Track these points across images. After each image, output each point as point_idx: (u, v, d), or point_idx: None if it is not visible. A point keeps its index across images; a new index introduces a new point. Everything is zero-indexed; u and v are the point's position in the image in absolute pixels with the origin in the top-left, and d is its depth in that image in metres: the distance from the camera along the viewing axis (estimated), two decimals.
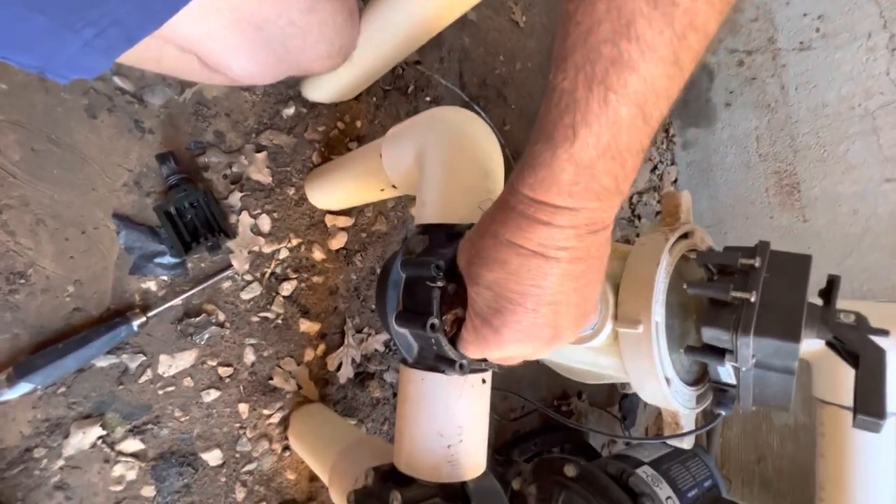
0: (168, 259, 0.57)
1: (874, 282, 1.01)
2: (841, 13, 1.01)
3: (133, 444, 0.55)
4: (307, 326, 0.67)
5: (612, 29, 0.19)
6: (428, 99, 0.78)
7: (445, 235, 0.35)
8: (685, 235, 0.56)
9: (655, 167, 1.26)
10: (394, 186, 0.49)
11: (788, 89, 1.10)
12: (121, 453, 0.55)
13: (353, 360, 0.71)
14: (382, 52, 0.54)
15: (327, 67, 0.53)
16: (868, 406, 0.36)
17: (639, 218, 1.20)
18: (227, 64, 0.43)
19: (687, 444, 0.55)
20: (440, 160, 0.37)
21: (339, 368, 0.70)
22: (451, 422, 0.36)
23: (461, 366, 0.34)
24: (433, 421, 0.36)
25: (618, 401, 1.07)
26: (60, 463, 0.52)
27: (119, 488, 0.54)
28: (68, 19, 0.32)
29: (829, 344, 0.43)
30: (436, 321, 0.32)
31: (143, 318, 0.54)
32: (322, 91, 0.64)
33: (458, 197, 0.37)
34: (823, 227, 1.08)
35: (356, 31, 0.51)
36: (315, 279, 0.68)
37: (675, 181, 1.31)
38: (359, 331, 0.72)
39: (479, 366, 0.35)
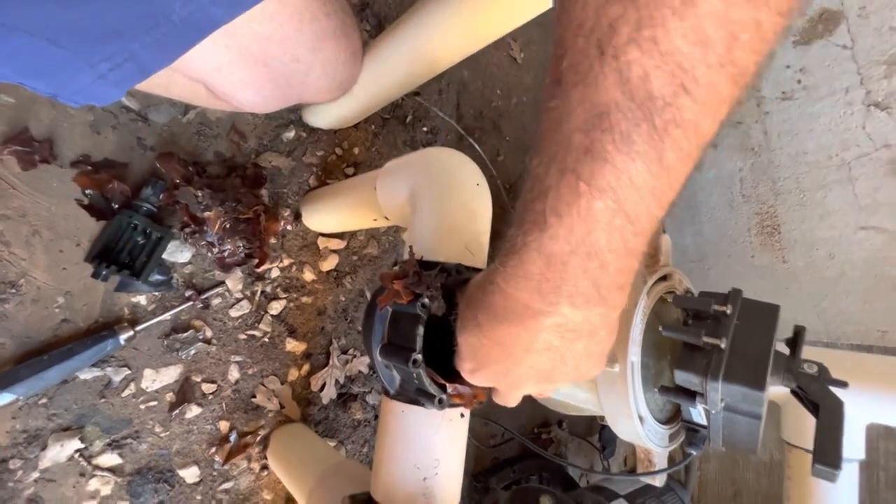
0: (155, 277, 0.57)
1: (848, 325, 1.05)
2: (821, 67, 1.07)
3: (111, 459, 0.55)
4: (293, 346, 0.68)
5: (585, 118, 0.18)
6: (425, 129, 0.81)
7: (421, 266, 0.37)
8: (664, 278, 0.58)
9: None
10: (386, 218, 0.51)
11: (771, 135, 1.15)
12: (97, 467, 0.54)
13: (337, 381, 0.72)
14: (383, 87, 0.57)
15: (328, 99, 0.55)
16: (825, 456, 0.38)
17: None
18: (234, 95, 0.45)
19: (659, 481, 0.57)
20: (432, 201, 0.39)
21: (322, 389, 0.70)
22: (429, 455, 0.37)
23: (440, 401, 0.35)
24: (411, 453, 0.37)
25: (597, 431, 1.08)
26: (35, 475, 0.51)
27: (93, 503, 0.54)
28: (86, 53, 0.33)
29: (793, 392, 0.45)
30: (418, 357, 0.34)
31: (131, 332, 0.55)
32: (322, 118, 0.66)
33: (446, 237, 0.38)
34: (801, 269, 1.12)
35: (358, 68, 0.53)
36: (304, 299, 0.69)
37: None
38: (344, 352, 0.73)
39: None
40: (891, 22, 0.96)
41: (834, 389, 0.42)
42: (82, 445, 0.54)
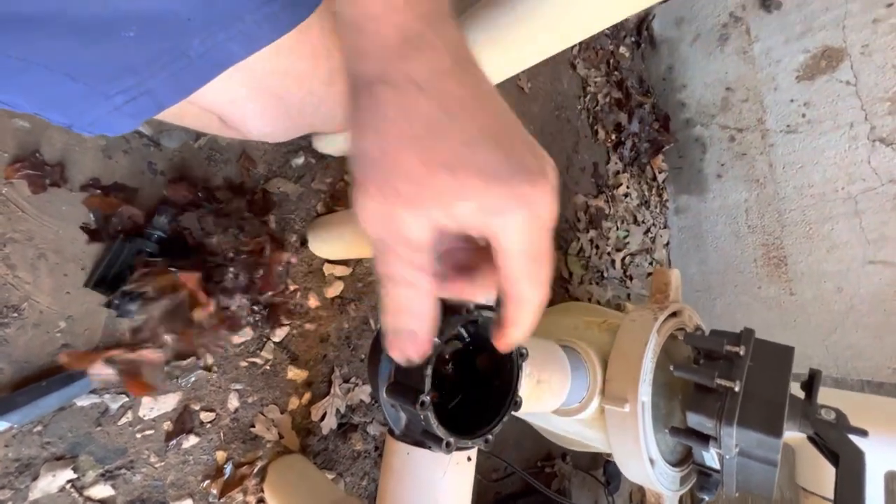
0: None
1: (858, 360, 1.03)
2: (825, 102, 1.08)
3: (103, 490, 0.53)
4: (295, 374, 0.66)
5: None
6: None
7: (443, 310, 0.36)
8: (674, 314, 0.57)
9: (648, 230, 1.30)
10: None
11: (776, 167, 1.16)
12: (89, 499, 0.53)
13: (338, 411, 0.70)
14: None
15: (339, 130, 0.56)
16: None
17: (630, 279, 1.22)
18: (245, 125, 0.45)
19: None
20: None
21: (322, 418, 0.69)
22: (434, 499, 0.35)
23: (448, 444, 0.34)
24: (415, 497, 0.36)
25: (602, 464, 1.05)
26: None
27: None
28: (103, 87, 0.34)
29: (810, 439, 0.44)
30: (426, 398, 0.33)
31: None
32: (332, 145, 0.67)
33: None
34: (809, 301, 1.10)
35: None
36: (307, 326, 0.68)
37: (668, 244, 1.34)
38: (346, 380, 0.72)
39: (465, 444, 0.35)
40: (893, 60, 0.97)
41: (853, 438, 0.41)
42: (75, 476, 0.52)
